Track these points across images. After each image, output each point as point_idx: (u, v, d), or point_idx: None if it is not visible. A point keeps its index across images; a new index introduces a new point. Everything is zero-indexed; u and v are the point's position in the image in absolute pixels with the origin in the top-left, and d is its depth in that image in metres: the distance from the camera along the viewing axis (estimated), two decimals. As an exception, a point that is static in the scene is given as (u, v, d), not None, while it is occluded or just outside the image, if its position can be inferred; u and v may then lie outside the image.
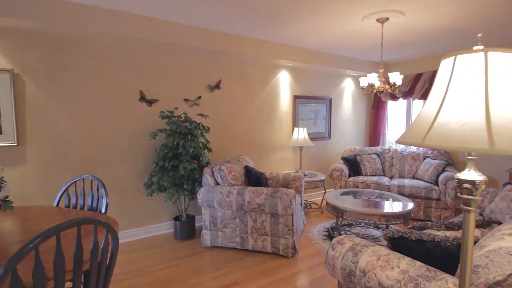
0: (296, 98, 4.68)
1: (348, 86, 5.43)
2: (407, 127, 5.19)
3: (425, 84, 4.62)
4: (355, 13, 2.87)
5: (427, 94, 4.61)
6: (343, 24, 3.19)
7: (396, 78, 2.98)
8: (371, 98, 5.75)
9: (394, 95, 5.07)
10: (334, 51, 4.45)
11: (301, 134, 4.30)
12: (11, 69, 2.61)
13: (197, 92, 3.73)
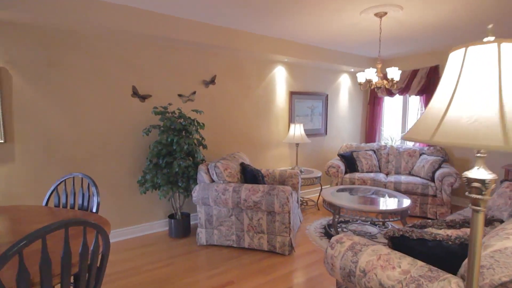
0: (292, 94, 4.63)
1: (345, 82, 5.39)
2: (404, 123, 5.19)
3: (422, 80, 4.60)
4: (353, 7, 2.82)
5: (424, 90, 4.59)
6: (341, 18, 3.13)
7: (395, 74, 2.95)
8: (367, 94, 5.72)
9: (391, 91, 5.05)
10: (331, 46, 4.40)
11: (298, 131, 4.25)
12: (-3, 63, 2.51)
13: (192, 88, 3.65)
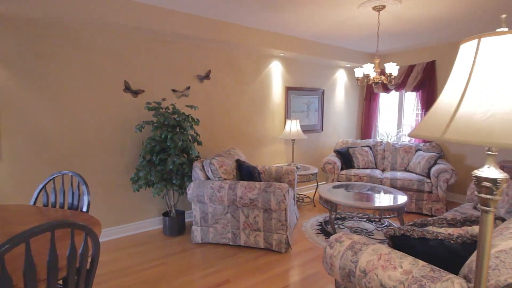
0: (289, 90, 4.57)
1: (341, 78, 5.34)
2: (399, 120, 5.17)
3: (418, 76, 4.58)
4: (351, 1, 2.76)
5: (420, 86, 4.57)
6: (338, 12, 3.07)
7: (393, 69, 2.91)
8: (364, 90, 5.69)
9: (387, 87, 5.02)
10: (328, 41, 4.34)
11: (294, 127, 4.21)
12: (-19, 56, 2.40)
13: (186, 83, 3.56)
